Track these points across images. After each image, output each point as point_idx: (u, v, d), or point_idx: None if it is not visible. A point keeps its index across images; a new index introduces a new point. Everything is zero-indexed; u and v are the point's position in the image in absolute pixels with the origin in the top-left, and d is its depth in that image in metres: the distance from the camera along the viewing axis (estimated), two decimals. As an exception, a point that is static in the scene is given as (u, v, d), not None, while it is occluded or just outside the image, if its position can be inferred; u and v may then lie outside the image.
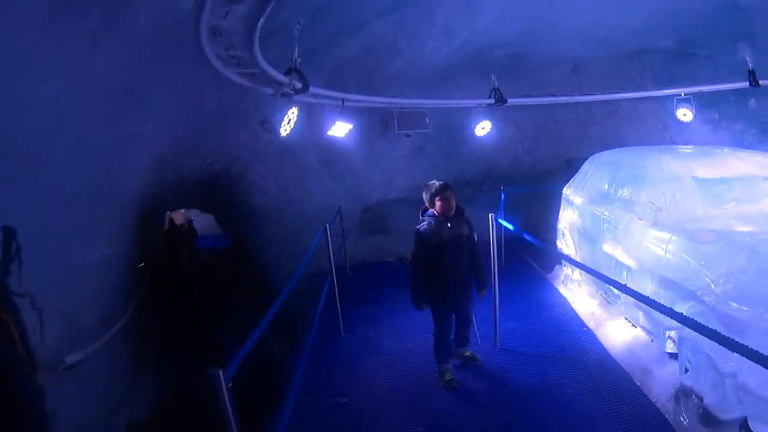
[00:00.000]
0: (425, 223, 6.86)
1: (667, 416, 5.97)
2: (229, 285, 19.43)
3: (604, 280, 5.99)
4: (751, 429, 5.02)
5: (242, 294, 17.29)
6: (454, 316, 7.15)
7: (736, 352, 3.48)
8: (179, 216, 27.73)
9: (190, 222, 26.30)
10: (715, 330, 3.65)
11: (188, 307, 16.85)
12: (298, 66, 8.30)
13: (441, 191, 6.76)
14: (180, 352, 13.16)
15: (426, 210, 6.95)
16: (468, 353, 7.61)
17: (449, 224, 6.75)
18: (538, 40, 12.01)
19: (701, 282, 5.68)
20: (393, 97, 11.75)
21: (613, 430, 5.89)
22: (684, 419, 5.78)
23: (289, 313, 11.37)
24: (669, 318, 4.30)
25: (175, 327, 14.95)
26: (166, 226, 23.71)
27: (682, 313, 4.21)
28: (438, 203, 6.75)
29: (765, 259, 5.47)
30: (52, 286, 7.48)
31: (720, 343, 3.58)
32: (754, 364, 3.16)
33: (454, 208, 6.78)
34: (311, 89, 8.81)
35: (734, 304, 5.09)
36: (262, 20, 6.11)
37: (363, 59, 11.30)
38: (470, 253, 6.93)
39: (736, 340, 3.37)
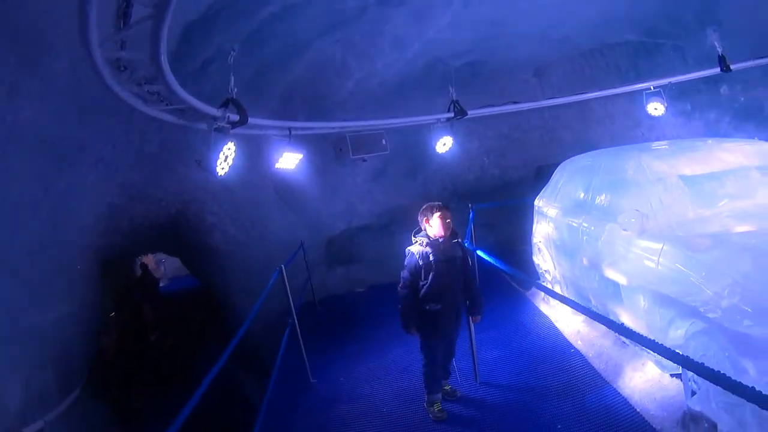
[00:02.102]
0: (417, 243, 6.48)
1: (675, 446, 5.41)
2: (197, 330, 18.87)
3: (589, 315, 5.39)
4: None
5: (211, 337, 16.74)
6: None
7: (746, 399, 2.88)
8: (151, 260, 27.05)
9: (146, 271, 25.26)
10: (724, 374, 3.05)
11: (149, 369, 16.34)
12: (235, 96, 7.68)
13: (440, 210, 6.41)
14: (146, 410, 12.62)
15: (418, 231, 6.56)
16: (448, 387, 7.10)
17: (442, 246, 6.41)
18: (495, 46, 11.60)
19: (703, 296, 5.00)
20: (346, 120, 11.26)
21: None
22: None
23: (261, 347, 10.97)
24: (669, 337, 3.75)
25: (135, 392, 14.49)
26: (139, 272, 22.89)
27: (686, 356, 3.55)
28: (438, 222, 6.37)
29: None
30: (6, 354, 7.47)
31: (729, 390, 2.98)
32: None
33: (450, 228, 6.46)
34: (253, 120, 8.16)
35: (747, 321, 4.44)
36: (163, 45, 5.40)
37: (311, 83, 10.94)
38: (464, 277, 6.63)
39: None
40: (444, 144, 12.30)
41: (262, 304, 7.09)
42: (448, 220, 6.39)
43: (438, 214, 6.36)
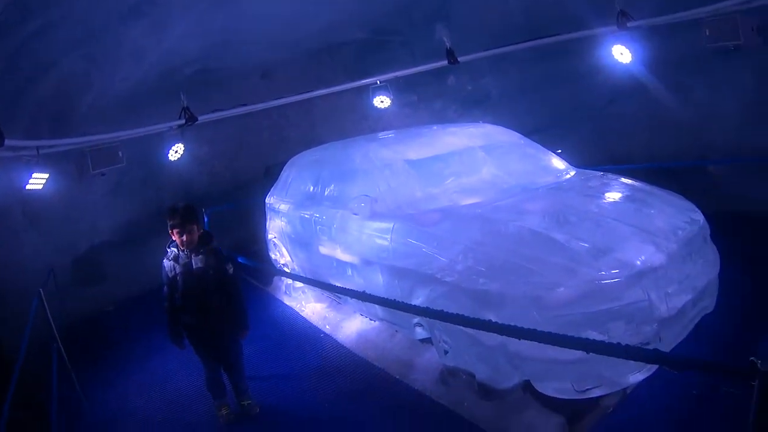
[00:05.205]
0: (166, 255, 6.00)
1: (440, 401, 5.89)
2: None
3: (326, 288, 5.84)
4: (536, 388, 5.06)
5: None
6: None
7: (485, 330, 3.40)
8: None
9: None
10: (461, 314, 3.87)
11: None
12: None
13: (176, 222, 5.76)
14: None
15: (173, 241, 5.95)
16: (246, 402, 6.58)
17: (192, 256, 5.89)
18: (226, 52, 11.65)
19: (439, 263, 5.61)
20: (87, 134, 10.86)
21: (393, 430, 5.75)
22: (462, 400, 5.73)
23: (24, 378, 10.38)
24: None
25: None
26: None
27: (422, 306, 4.12)
28: (176, 237, 5.82)
29: (501, 226, 5.55)
30: None
31: (467, 326, 3.51)
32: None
33: (195, 239, 5.87)
34: (8, 142, 7.60)
35: (482, 279, 5.07)
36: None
37: (56, 100, 10.33)
38: (222, 289, 6.02)
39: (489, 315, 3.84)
40: (176, 151, 12.43)
41: (18, 332, 6.64)
42: (185, 237, 5.77)
43: (175, 231, 5.79)
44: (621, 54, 9.77)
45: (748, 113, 9.79)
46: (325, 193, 8.19)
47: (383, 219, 6.56)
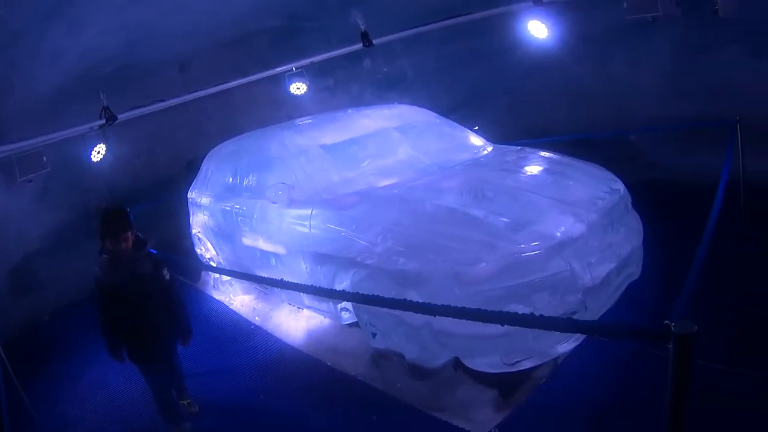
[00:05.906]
0: (99, 262, 5.54)
1: (375, 384, 5.88)
2: None
3: (250, 279, 5.77)
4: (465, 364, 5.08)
5: None
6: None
7: (408, 310, 3.33)
8: None
9: None
10: (379, 296, 3.88)
11: None
12: None
13: (108, 230, 5.36)
14: None
15: (104, 246, 5.46)
16: (186, 402, 6.44)
17: (125, 263, 5.45)
18: (144, 46, 11.34)
19: (359, 246, 5.58)
20: (15, 141, 10.56)
21: (329, 420, 5.67)
22: (394, 381, 5.72)
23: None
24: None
25: None
26: None
27: (342, 290, 4.05)
28: (110, 245, 5.37)
29: (418, 205, 5.57)
30: None
31: (390, 307, 3.44)
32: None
33: (130, 246, 5.44)
34: None
35: (402, 259, 5.06)
36: None
37: None
38: (159, 294, 5.69)
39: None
40: (98, 152, 12.07)
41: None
42: (121, 246, 5.33)
43: (108, 240, 5.34)
44: (537, 29, 9.71)
45: (667, 84, 9.90)
46: (244, 184, 8.10)
47: (301, 206, 6.53)
